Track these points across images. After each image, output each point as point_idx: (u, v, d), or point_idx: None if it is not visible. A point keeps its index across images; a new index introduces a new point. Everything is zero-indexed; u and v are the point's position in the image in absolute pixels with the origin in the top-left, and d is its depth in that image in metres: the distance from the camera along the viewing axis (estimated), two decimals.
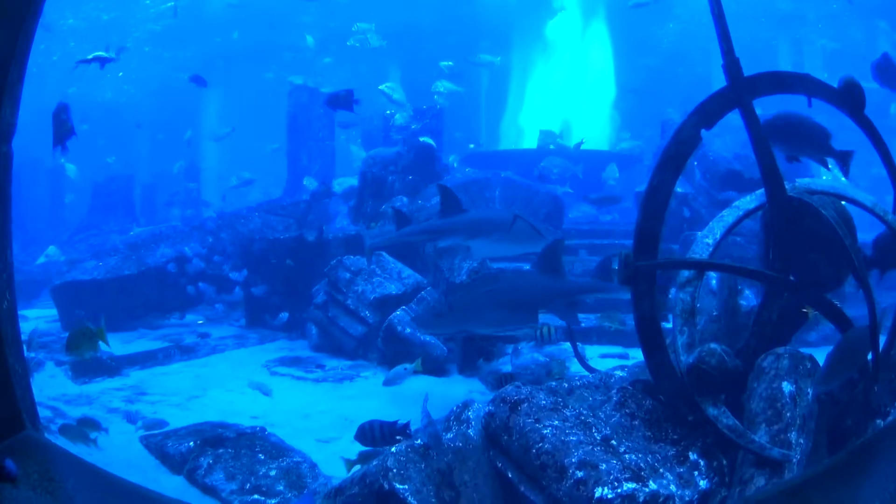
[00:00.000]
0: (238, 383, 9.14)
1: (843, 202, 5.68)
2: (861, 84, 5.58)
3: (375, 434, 5.55)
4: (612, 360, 9.64)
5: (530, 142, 21.07)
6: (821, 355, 4.98)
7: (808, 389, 4.68)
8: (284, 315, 12.13)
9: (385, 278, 10.53)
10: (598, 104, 27.00)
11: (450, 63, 19.44)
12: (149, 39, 35.21)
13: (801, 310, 5.59)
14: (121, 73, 33.43)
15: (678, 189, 13.45)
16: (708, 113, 4.89)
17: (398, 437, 5.36)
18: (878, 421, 5.01)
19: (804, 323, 5.76)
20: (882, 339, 5.20)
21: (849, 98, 5.48)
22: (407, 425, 5.41)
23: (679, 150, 4.72)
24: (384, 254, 10.94)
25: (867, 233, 5.87)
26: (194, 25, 31.28)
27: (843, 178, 5.83)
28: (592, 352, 9.91)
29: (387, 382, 7.58)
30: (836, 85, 5.50)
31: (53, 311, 13.12)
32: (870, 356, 4.86)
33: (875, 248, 5.72)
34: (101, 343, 6.90)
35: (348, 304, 10.56)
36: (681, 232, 12.41)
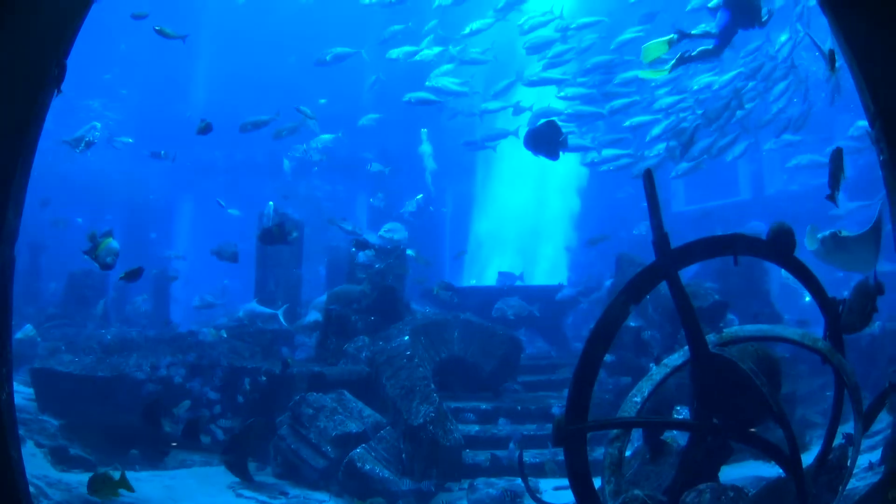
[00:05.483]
0: (206, 500, 9.58)
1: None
2: (791, 229, 6.19)
3: None
4: (567, 491, 9.93)
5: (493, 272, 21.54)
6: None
7: None
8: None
9: (346, 416, 10.88)
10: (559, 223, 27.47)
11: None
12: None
13: (727, 445, 6.16)
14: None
15: (631, 323, 14.10)
16: (637, 288, 5.56)
17: None
18: None
19: (730, 456, 6.32)
20: None
21: (777, 246, 6.14)
22: None
23: (608, 328, 5.39)
24: (346, 392, 11.36)
25: None
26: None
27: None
28: (546, 485, 10.16)
29: None
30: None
31: (30, 390, 13.34)
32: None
33: None
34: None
35: (310, 438, 10.84)
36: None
